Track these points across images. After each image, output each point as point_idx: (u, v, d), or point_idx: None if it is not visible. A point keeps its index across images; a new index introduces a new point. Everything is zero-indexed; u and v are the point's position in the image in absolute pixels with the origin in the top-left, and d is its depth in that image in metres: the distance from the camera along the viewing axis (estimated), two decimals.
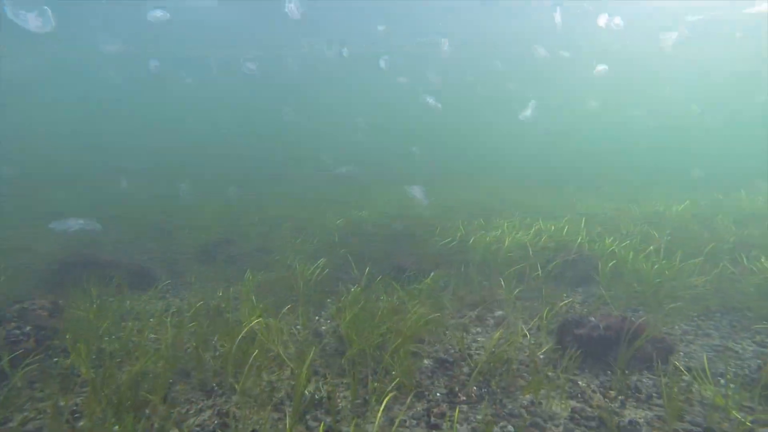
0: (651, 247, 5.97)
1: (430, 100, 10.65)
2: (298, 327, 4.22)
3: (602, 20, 10.26)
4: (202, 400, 2.98)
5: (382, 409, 2.70)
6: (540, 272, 5.47)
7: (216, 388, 3.14)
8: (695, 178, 15.26)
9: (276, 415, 2.80)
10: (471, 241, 6.78)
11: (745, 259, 5.68)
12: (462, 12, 17.56)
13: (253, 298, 4.54)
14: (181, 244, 7.92)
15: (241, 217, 9.89)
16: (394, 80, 19.96)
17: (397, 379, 2.99)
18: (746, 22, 17.58)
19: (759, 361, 3.62)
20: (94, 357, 3.34)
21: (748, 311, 4.67)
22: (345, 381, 3.24)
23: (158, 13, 12.26)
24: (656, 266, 5.30)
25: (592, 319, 3.91)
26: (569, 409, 2.90)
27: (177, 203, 11.56)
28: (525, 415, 2.85)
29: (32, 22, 7.39)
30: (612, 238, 6.49)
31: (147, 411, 2.69)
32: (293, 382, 3.16)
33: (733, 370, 3.48)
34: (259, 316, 3.84)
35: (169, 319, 4.12)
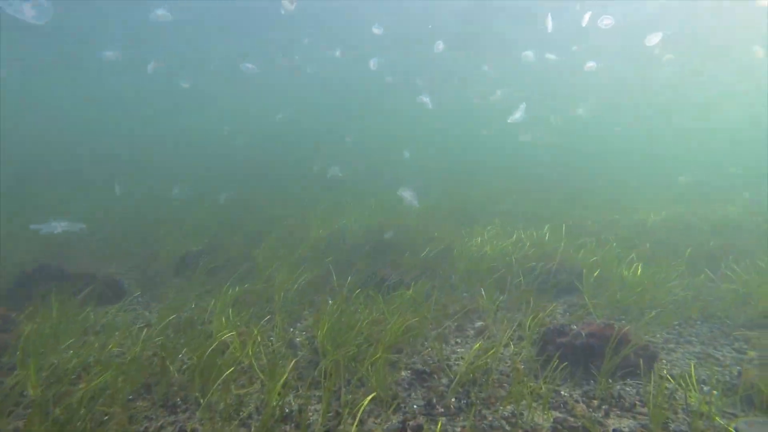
0: (633, 255, 5.99)
1: (426, 99, 10.66)
2: (272, 339, 4.03)
3: (586, 19, 10.42)
4: (164, 417, 2.78)
5: (356, 422, 2.55)
6: (522, 281, 5.41)
7: (180, 403, 2.93)
8: (681, 185, 15.57)
9: (243, 431, 2.62)
10: (455, 250, 6.71)
11: (722, 266, 5.74)
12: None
13: (230, 310, 4.34)
14: (162, 254, 7.60)
15: (227, 224, 9.62)
16: (383, 81, 19.76)
17: (374, 392, 2.84)
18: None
19: (739, 367, 3.60)
20: (46, 374, 3.09)
21: (726, 319, 4.68)
22: (318, 394, 3.07)
23: (160, 12, 11.97)
24: (638, 274, 5.31)
25: (575, 327, 3.84)
26: (551, 420, 2.80)
27: (161, 211, 11.19)
28: (506, 426, 2.72)
29: (27, 12, 6.96)
30: (594, 246, 6.51)
31: (101, 428, 2.48)
32: (263, 396, 2.97)
33: (715, 376, 3.43)
34: (233, 330, 3.66)
35: (142, 333, 3.89)
